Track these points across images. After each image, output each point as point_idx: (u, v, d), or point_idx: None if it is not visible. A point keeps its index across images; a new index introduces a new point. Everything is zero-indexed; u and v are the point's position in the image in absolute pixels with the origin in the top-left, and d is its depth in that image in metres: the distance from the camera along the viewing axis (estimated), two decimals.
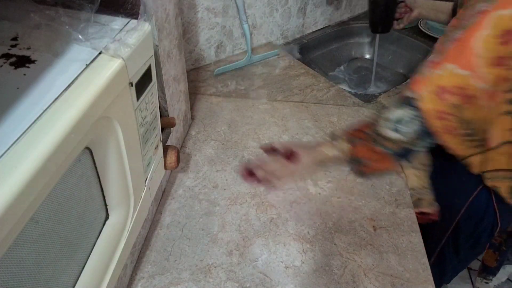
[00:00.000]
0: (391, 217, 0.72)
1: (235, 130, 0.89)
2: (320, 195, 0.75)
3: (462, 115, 0.61)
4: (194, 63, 1.08)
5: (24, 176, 0.26)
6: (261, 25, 1.15)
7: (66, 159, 0.30)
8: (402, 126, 0.62)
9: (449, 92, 0.59)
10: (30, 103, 0.31)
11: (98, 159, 0.39)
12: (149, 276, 0.62)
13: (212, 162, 0.81)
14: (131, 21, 0.41)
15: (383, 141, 0.63)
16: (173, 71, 0.70)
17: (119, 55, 0.36)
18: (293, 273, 0.63)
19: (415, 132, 0.61)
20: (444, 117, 0.60)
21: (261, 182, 0.66)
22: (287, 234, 0.68)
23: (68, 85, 0.33)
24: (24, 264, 0.30)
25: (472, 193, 0.79)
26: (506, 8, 0.54)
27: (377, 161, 0.65)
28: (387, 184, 0.78)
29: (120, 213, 0.45)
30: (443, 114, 0.60)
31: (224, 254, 0.65)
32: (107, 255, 0.43)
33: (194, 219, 0.70)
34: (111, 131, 0.38)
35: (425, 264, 0.65)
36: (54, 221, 0.33)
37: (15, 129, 0.28)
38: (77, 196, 0.36)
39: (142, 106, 0.43)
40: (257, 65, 1.12)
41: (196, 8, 0.96)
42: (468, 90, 0.58)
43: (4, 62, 0.34)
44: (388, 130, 0.62)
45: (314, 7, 1.26)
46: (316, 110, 0.96)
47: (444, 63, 0.59)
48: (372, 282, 0.62)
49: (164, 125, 0.64)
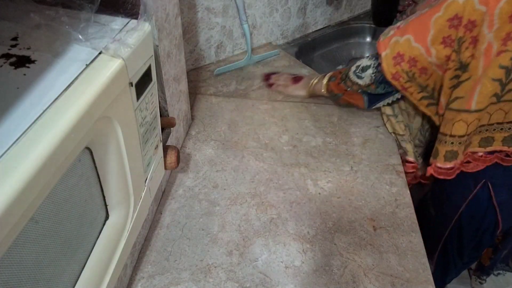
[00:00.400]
0: (391, 217, 0.72)
1: (235, 130, 0.89)
2: (320, 195, 0.75)
3: (416, 81, 0.73)
4: (194, 63, 1.08)
5: (24, 176, 0.26)
6: (261, 25, 1.15)
7: (66, 159, 0.30)
8: (362, 73, 0.79)
9: (405, 61, 0.71)
10: (30, 103, 0.31)
11: (98, 159, 0.39)
12: (149, 276, 0.62)
13: (212, 162, 0.81)
14: (131, 21, 0.41)
15: (347, 82, 0.82)
16: (173, 71, 0.70)
17: (119, 55, 0.36)
18: (293, 273, 0.63)
19: (370, 79, 0.78)
20: (398, 79, 0.74)
21: (271, 86, 1.00)
22: (287, 234, 0.68)
23: (68, 85, 0.33)
24: (24, 264, 0.30)
25: (472, 191, 0.80)
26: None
27: (347, 95, 0.85)
28: (387, 184, 0.78)
29: (120, 213, 0.45)
30: (397, 76, 0.73)
31: (224, 254, 0.65)
32: (107, 255, 0.43)
33: (194, 219, 0.70)
34: (111, 131, 0.38)
35: (425, 264, 0.65)
36: (54, 221, 0.33)
37: (15, 129, 0.28)
38: (77, 196, 0.36)
39: (142, 106, 0.43)
40: (257, 65, 1.12)
41: (196, 8, 0.96)
42: (421, 62, 0.70)
43: (4, 62, 0.34)
44: (352, 74, 0.81)
45: (314, 7, 1.26)
46: (316, 110, 0.96)
47: (405, 33, 0.70)
48: (372, 282, 0.62)
49: (164, 125, 0.64)
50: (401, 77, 0.73)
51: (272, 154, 0.83)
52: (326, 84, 0.89)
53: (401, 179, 0.79)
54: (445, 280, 0.99)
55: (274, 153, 0.84)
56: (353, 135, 0.89)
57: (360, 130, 0.90)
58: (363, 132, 0.90)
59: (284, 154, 0.83)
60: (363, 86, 0.80)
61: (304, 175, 0.79)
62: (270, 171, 0.79)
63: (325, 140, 0.87)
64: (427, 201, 0.93)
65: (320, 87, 0.90)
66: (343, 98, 0.86)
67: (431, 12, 0.66)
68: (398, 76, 0.73)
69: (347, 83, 0.82)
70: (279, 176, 0.79)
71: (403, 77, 0.72)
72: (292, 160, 0.82)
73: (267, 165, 0.81)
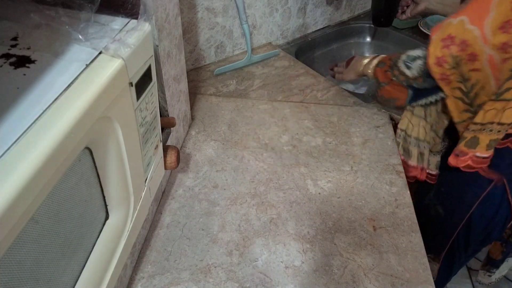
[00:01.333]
0: (391, 217, 0.72)
1: (235, 130, 0.89)
2: (320, 195, 0.75)
3: (461, 70, 0.67)
4: (194, 63, 1.08)
5: (24, 176, 0.26)
6: (261, 25, 1.15)
7: (66, 159, 0.30)
8: (412, 63, 0.74)
9: (455, 43, 0.64)
10: (30, 103, 0.31)
11: (98, 159, 0.39)
12: (149, 276, 0.62)
13: (212, 162, 0.81)
14: (131, 21, 0.41)
15: (395, 70, 0.77)
16: (173, 71, 0.70)
17: (119, 55, 0.36)
18: (293, 273, 0.63)
19: (419, 70, 0.72)
20: (442, 64, 0.67)
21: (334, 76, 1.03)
22: (287, 234, 0.68)
23: (68, 85, 0.33)
24: (24, 264, 0.30)
25: (485, 189, 0.79)
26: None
27: (392, 86, 0.80)
28: (387, 184, 0.78)
29: (120, 213, 0.45)
30: (441, 61, 0.67)
31: (224, 254, 0.65)
32: (107, 255, 0.43)
33: (194, 219, 0.70)
34: (111, 131, 0.38)
35: (425, 264, 0.65)
36: (54, 221, 0.33)
37: (15, 129, 0.28)
38: (77, 196, 0.36)
39: (142, 106, 0.43)
40: (257, 65, 1.12)
41: (196, 8, 0.96)
42: (472, 47, 0.63)
43: (4, 62, 0.34)
44: (402, 63, 0.75)
45: (314, 7, 1.26)
46: (316, 110, 0.96)
47: (459, 14, 0.64)
48: (372, 282, 0.62)
49: (164, 125, 0.64)
50: (446, 63, 0.66)
51: (272, 154, 0.83)
52: (374, 68, 0.84)
53: (401, 179, 0.79)
54: (449, 278, 0.99)
55: (274, 153, 0.84)
56: (353, 135, 0.89)
57: (360, 130, 0.90)
58: (363, 132, 0.90)
59: (284, 154, 0.83)
60: (411, 78, 0.75)
61: (304, 175, 0.79)
62: (270, 171, 0.79)
63: (325, 140, 0.87)
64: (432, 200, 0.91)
65: (368, 69, 0.86)
66: (387, 88, 0.82)
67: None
68: (443, 61, 0.66)
69: (394, 72, 0.77)
70: (279, 176, 0.79)
71: (448, 62, 0.66)
72: (292, 160, 0.82)
73: (267, 165, 0.81)
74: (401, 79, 0.77)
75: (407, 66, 0.74)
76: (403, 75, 0.76)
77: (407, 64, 0.74)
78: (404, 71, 0.75)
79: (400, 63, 0.76)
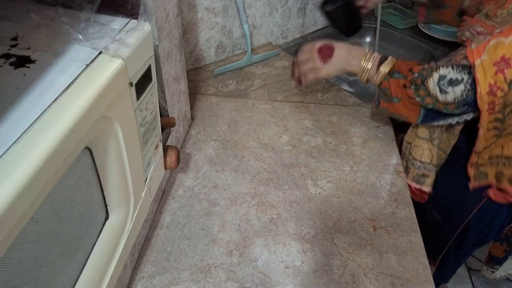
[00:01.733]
0: (391, 217, 0.72)
1: (235, 130, 0.89)
2: (320, 195, 0.75)
3: (508, 96, 0.57)
4: (194, 63, 1.08)
5: (24, 176, 0.26)
6: (261, 25, 1.15)
7: (66, 159, 0.30)
8: (449, 87, 0.61)
9: (511, 66, 0.55)
10: (30, 103, 0.31)
11: (98, 159, 0.39)
12: (149, 276, 0.62)
13: (212, 162, 0.81)
14: (131, 21, 0.41)
15: (421, 90, 0.63)
16: (173, 71, 0.70)
17: (119, 55, 0.36)
18: (293, 273, 0.63)
19: (457, 97, 0.60)
20: (495, 92, 0.56)
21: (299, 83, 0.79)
22: (287, 234, 0.68)
23: (68, 85, 0.33)
24: (24, 264, 0.30)
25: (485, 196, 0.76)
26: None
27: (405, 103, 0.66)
28: (387, 184, 0.78)
29: (120, 213, 0.45)
30: (495, 89, 0.56)
31: (224, 254, 0.65)
32: (107, 255, 0.43)
33: (194, 219, 0.70)
34: (111, 131, 0.38)
35: (425, 264, 0.65)
36: (54, 221, 0.33)
37: (15, 129, 0.28)
38: (77, 196, 0.36)
39: (142, 106, 0.43)
40: (257, 65, 1.12)
41: (196, 8, 0.96)
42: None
43: (4, 62, 0.34)
44: (435, 85, 0.62)
45: (314, 7, 1.26)
46: (316, 110, 0.96)
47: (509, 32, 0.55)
48: (372, 282, 0.62)
49: (164, 125, 0.64)
50: (500, 90, 0.56)
51: (272, 154, 0.83)
52: (384, 76, 0.68)
53: (401, 179, 0.79)
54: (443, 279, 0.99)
55: (274, 153, 0.84)
56: (353, 135, 0.89)
57: (360, 130, 0.90)
58: (363, 132, 0.90)
59: (284, 154, 0.83)
60: (441, 102, 0.62)
61: (304, 175, 0.79)
62: (270, 171, 0.79)
63: (325, 140, 0.87)
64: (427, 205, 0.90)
65: (373, 74, 0.69)
66: (398, 105, 0.68)
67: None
68: (497, 88, 0.56)
69: (419, 92, 0.63)
70: (279, 176, 0.79)
71: (502, 89, 0.56)
72: (292, 160, 0.82)
73: (267, 165, 0.81)
74: (426, 102, 0.64)
75: (442, 90, 0.61)
76: (433, 98, 0.63)
77: (442, 88, 0.61)
78: (435, 95, 0.62)
79: (432, 84, 0.62)
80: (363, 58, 0.70)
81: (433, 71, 0.62)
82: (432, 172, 0.79)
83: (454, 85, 0.60)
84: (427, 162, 0.78)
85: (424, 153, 0.78)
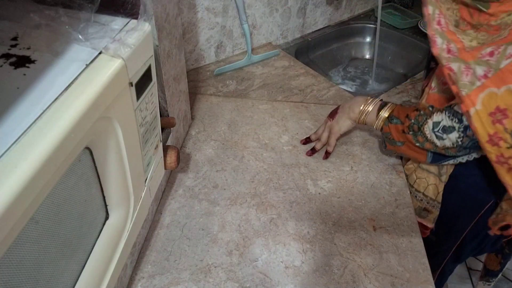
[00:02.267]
0: (391, 217, 0.72)
1: (235, 130, 0.89)
2: (320, 195, 0.75)
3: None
4: (194, 63, 1.08)
5: (24, 176, 0.26)
6: (261, 25, 1.15)
7: (66, 159, 0.30)
8: (444, 134, 0.61)
9: (509, 117, 0.54)
10: (30, 103, 0.31)
11: (98, 159, 0.39)
12: (149, 276, 0.62)
13: (212, 162, 0.81)
14: (131, 21, 0.41)
15: (419, 137, 0.65)
16: (173, 71, 0.70)
17: (119, 55, 0.36)
18: (293, 273, 0.63)
19: (455, 143, 0.60)
20: (497, 143, 0.55)
21: (327, 155, 0.82)
22: (287, 234, 0.68)
23: (68, 85, 0.33)
24: (24, 264, 0.30)
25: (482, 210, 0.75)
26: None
27: (409, 147, 0.68)
28: (387, 184, 0.78)
29: (120, 213, 0.45)
30: (496, 139, 0.55)
31: (224, 254, 0.65)
32: (107, 255, 0.43)
33: (194, 219, 0.70)
34: (111, 131, 0.38)
35: (425, 264, 0.65)
36: (54, 221, 0.33)
37: (15, 129, 0.28)
38: (77, 196, 0.36)
39: (142, 106, 0.43)
40: (257, 65, 1.12)
41: (196, 8, 0.96)
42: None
43: (4, 62, 0.34)
44: (430, 132, 0.63)
45: (314, 7, 1.26)
46: (316, 110, 0.96)
47: (502, 83, 0.54)
48: (372, 282, 0.62)
49: (164, 125, 0.64)
50: (503, 140, 0.54)
51: (272, 154, 0.83)
52: (384, 121, 0.71)
53: (401, 179, 0.79)
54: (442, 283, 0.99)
55: (274, 153, 0.84)
56: (353, 135, 0.89)
57: (360, 130, 0.90)
58: (363, 132, 0.90)
59: (284, 154, 0.83)
60: (440, 147, 0.63)
61: (304, 175, 0.79)
62: (270, 171, 0.79)
63: None
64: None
65: (374, 119, 0.72)
66: (402, 148, 0.69)
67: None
68: (498, 138, 0.55)
69: (417, 138, 0.65)
70: (279, 176, 0.79)
71: (506, 140, 0.54)
72: (292, 160, 0.82)
73: (267, 165, 0.81)
74: (426, 147, 0.65)
75: (438, 136, 0.62)
76: (431, 143, 0.64)
77: (438, 135, 0.62)
78: (433, 141, 0.63)
79: (428, 131, 0.63)
80: (364, 102, 0.74)
81: (428, 118, 0.63)
82: (436, 209, 0.76)
83: (448, 132, 0.61)
84: (431, 198, 0.75)
85: (429, 187, 0.75)
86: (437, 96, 0.70)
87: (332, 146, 0.81)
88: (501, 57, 0.55)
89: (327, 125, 0.80)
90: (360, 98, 0.76)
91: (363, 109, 0.74)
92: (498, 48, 0.55)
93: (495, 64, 0.55)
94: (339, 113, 0.79)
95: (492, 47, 0.56)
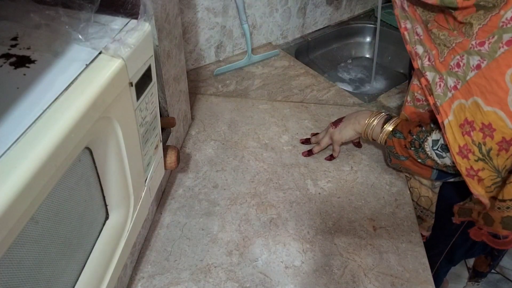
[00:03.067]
0: (391, 217, 0.72)
1: (235, 130, 0.89)
2: (320, 195, 0.75)
3: (494, 163, 0.54)
4: (194, 63, 1.08)
5: (24, 176, 0.26)
6: (261, 25, 1.15)
7: (66, 159, 0.30)
8: (444, 153, 0.61)
9: (476, 129, 0.53)
10: (30, 103, 0.31)
11: (98, 159, 0.39)
12: (149, 276, 0.62)
13: (212, 162, 0.81)
14: (131, 21, 0.41)
15: (421, 153, 0.64)
16: (173, 71, 0.70)
17: (119, 55, 0.36)
18: (293, 273, 0.63)
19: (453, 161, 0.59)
20: (466, 155, 0.55)
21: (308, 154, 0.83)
22: (287, 234, 0.68)
23: (68, 85, 0.33)
24: (24, 264, 0.30)
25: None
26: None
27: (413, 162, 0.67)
28: (387, 184, 0.78)
29: (120, 213, 0.45)
30: (465, 150, 0.55)
31: (224, 254, 0.65)
32: (107, 255, 0.43)
33: (194, 219, 0.70)
34: (111, 131, 0.38)
35: (425, 264, 0.65)
36: (54, 221, 0.33)
37: (15, 129, 0.28)
38: (77, 196, 0.36)
39: (142, 106, 0.43)
40: (257, 65, 1.12)
41: (196, 8, 0.96)
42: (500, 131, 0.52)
43: (4, 62, 0.34)
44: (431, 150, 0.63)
45: (314, 7, 1.26)
46: (316, 110, 0.96)
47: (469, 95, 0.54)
48: (372, 282, 0.62)
49: (164, 125, 0.64)
50: (471, 153, 0.54)
51: (272, 154, 0.83)
52: (388, 134, 0.70)
53: (401, 179, 0.79)
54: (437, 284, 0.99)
55: (274, 153, 0.84)
56: None
57: None
58: None
59: (284, 154, 0.83)
60: (441, 165, 0.63)
61: (304, 175, 0.79)
62: (270, 171, 0.79)
63: None
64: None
65: (378, 132, 0.72)
66: (406, 163, 0.69)
67: (499, 66, 0.50)
68: (468, 151, 0.55)
69: (419, 154, 0.65)
70: (279, 176, 0.79)
71: (475, 153, 0.54)
72: (292, 160, 0.82)
73: (267, 165, 0.81)
74: (428, 164, 0.65)
75: (438, 155, 0.62)
76: (433, 160, 0.63)
77: (438, 153, 0.62)
78: (434, 159, 0.63)
79: (428, 149, 0.63)
80: (369, 115, 0.74)
81: (428, 136, 0.63)
82: (430, 218, 0.77)
83: (447, 151, 0.60)
84: (425, 208, 0.76)
85: (421, 198, 0.75)
86: (413, 109, 0.70)
87: (337, 152, 0.81)
88: (467, 68, 0.54)
89: (328, 131, 0.80)
90: (366, 111, 0.76)
91: (369, 122, 0.73)
92: (462, 59, 0.55)
93: (462, 76, 0.55)
94: (343, 122, 0.78)
95: (457, 58, 0.56)
